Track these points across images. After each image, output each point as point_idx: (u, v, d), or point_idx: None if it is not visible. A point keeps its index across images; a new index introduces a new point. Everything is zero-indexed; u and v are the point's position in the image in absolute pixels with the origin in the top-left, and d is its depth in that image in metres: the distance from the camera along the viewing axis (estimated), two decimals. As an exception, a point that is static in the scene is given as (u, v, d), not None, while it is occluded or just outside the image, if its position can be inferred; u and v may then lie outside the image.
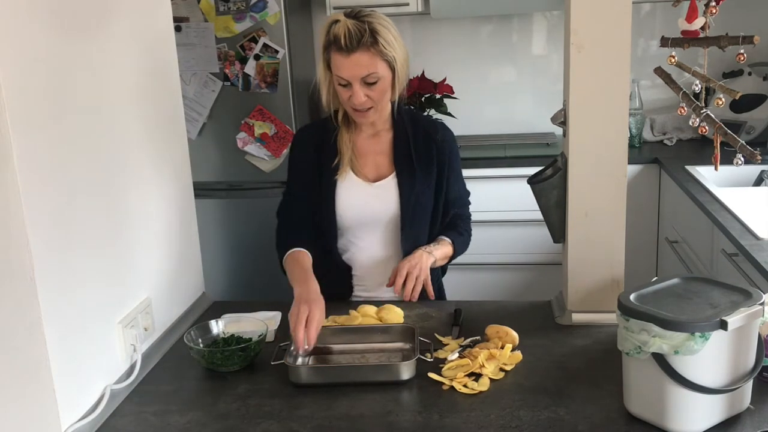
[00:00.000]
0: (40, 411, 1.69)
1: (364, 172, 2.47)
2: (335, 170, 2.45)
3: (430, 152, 2.48)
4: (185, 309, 2.39)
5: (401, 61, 2.34)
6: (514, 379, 1.91)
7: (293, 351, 2.00)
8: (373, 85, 2.30)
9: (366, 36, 2.25)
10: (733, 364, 1.61)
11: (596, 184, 2.14)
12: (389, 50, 2.29)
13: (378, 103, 2.35)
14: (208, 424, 1.78)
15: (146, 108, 2.19)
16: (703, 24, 1.81)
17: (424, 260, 2.38)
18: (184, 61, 3.97)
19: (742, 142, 1.71)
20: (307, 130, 2.59)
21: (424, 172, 2.47)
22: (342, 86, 2.32)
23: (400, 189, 2.46)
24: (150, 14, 2.25)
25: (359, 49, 2.25)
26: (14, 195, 1.57)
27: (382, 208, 2.47)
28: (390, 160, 2.49)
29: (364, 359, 2.05)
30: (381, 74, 2.30)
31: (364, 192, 2.46)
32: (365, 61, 2.27)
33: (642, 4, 4.49)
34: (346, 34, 2.24)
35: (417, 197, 2.47)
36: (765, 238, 2.68)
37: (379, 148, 2.49)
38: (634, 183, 3.96)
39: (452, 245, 2.53)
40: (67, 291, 1.75)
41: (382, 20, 2.31)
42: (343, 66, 2.28)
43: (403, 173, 2.46)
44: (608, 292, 2.17)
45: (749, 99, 4.24)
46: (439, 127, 2.55)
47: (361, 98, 2.30)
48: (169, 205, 2.32)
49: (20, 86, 1.59)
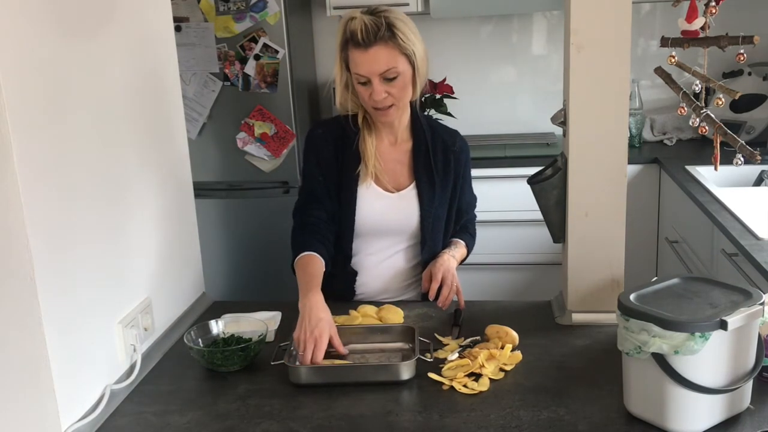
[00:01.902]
0: (40, 411, 1.69)
1: (383, 180, 2.43)
2: (357, 177, 2.41)
3: (449, 163, 2.46)
4: (185, 309, 2.39)
5: (420, 56, 2.29)
6: (514, 379, 1.91)
7: (293, 351, 2.01)
8: (393, 80, 2.25)
9: (383, 29, 2.20)
10: (733, 364, 1.61)
11: (596, 184, 2.14)
12: (408, 44, 2.24)
13: (399, 100, 2.30)
14: (208, 424, 1.78)
15: (146, 108, 2.19)
16: (703, 24, 1.81)
17: (453, 266, 2.37)
18: (184, 61, 3.97)
19: (741, 142, 1.72)
20: (324, 128, 2.50)
21: (442, 183, 2.45)
22: (362, 84, 2.27)
23: (420, 200, 2.43)
24: (150, 14, 2.24)
25: (377, 43, 2.21)
26: (14, 195, 1.57)
27: (401, 219, 2.44)
28: (409, 169, 2.45)
29: (364, 359, 2.05)
30: (401, 69, 2.25)
31: (386, 202, 2.42)
32: (384, 56, 2.22)
33: (642, 4, 4.49)
34: (363, 28, 2.19)
35: (436, 209, 2.45)
36: (765, 238, 2.68)
37: (399, 156, 2.45)
38: (634, 183, 3.96)
39: (466, 248, 2.55)
40: (67, 291, 1.75)
41: (399, 15, 2.26)
42: (361, 62, 2.23)
43: (422, 184, 2.43)
44: (608, 292, 2.17)
45: (749, 99, 4.24)
46: (457, 137, 2.53)
47: (381, 94, 2.25)
48: (169, 205, 2.32)
49: (20, 87, 1.59)
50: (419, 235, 2.46)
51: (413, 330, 2.09)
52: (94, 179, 1.88)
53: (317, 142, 2.45)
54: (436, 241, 2.49)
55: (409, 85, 2.30)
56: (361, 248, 2.49)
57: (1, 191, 1.57)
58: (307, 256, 2.29)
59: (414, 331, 2.08)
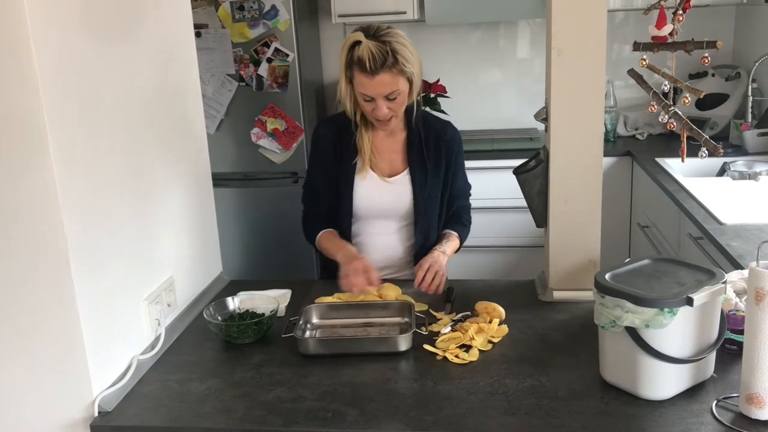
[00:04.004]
0: (74, 379, 1.69)
1: (380, 168, 2.45)
2: (354, 167, 2.44)
3: (440, 150, 2.47)
4: (204, 287, 2.39)
5: (417, 74, 2.32)
6: (500, 351, 1.91)
7: (302, 325, 2.01)
8: (395, 99, 2.30)
9: (389, 58, 2.22)
10: (698, 337, 1.61)
11: (575, 174, 2.13)
12: (408, 67, 2.27)
13: (398, 112, 2.36)
14: (226, 390, 1.78)
15: (169, 106, 2.18)
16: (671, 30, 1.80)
17: (441, 260, 2.38)
18: (204, 64, 3.96)
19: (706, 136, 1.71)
20: (325, 126, 2.53)
21: (434, 169, 2.46)
22: (366, 101, 2.31)
23: (413, 184, 2.45)
24: (173, 22, 2.23)
25: (383, 71, 2.23)
26: (51, 184, 1.58)
27: (396, 202, 2.46)
28: (403, 157, 2.47)
29: (366, 332, 2.05)
30: (402, 89, 2.29)
31: (380, 187, 2.45)
32: (388, 81, 2.25)
33: (616, 12, 4.47)
34: (371, 57, 2.21)
35: (428, 192, 2.46)
36: (727, 223, 2.68)
37: (394, 146, 2.47)
38: (609, 174, 3.95)
39: (459, 238, 2.55)
40: (98, 271, 1.74)
41: (399, 38, 2.27)
42: (367, 86, 2.26)
43: (415, 170, 2.45)
44: (586, 271, 2.17)
45: (713, 98, 4.23)
46: (448, 127, 2.53)
47: (384, 112, 2.30)
48: (190, 193, 2.31)
49: (57, 87, 1.58)
50: (413, 216, 2.47)
51: (410, 306, 2.09)
52: (123, 170, 1.88)
53: (317, 140, 2.52)
54: (430, 221, 2.50)
55: (407, 98, 2.35)
56: (362, 230, 2.51)
57: (39, 180, 1.57)
58: (327, 232, 2.47)
59: (411, 307, 2.07)
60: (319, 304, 2.16)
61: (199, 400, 1.75)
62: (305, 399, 1.72)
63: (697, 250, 2.79)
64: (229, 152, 4.26)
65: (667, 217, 3.35)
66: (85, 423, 1.69)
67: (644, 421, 1.57)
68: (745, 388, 1.53)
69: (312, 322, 2.10)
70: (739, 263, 2.27)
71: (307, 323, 2.08)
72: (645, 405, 1.61)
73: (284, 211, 4.07)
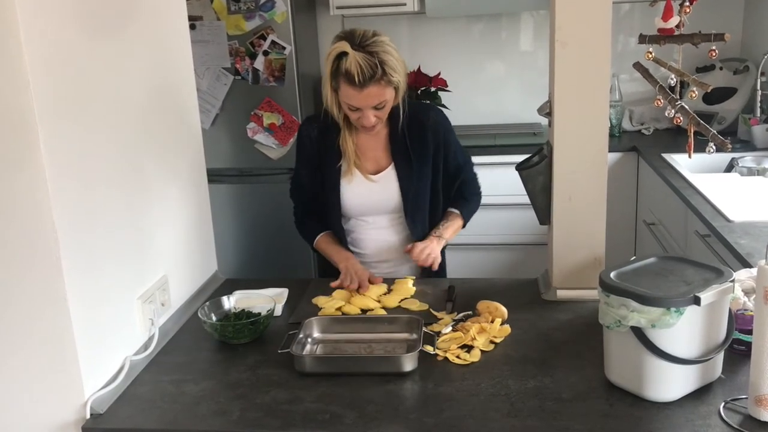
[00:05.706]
0: (65, 380, 1.69)
1: (365, 167, 2.46)
2: (339, 170, 2.46)
3: (425, 139, 2.46)
4: (199, 286, 2.39)
5: (403, 80, 2.32)
6: (503, 351, 1.91)
7: (302, 339, 1.95)
8: (382, 108, 2.31)
9: (378, 71, 2.22)
10: (705, 337, 1.61)
11: (579, 170, 2.13)
12: (395, 77, 2.27)
13: (384, 118, 2.37)
14: (221, 392, 1.78)
15: (163, 100, 2.18)
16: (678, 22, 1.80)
17: (434, 244, 2.43)
18: (198, 57, 3.95)
19: (713, 131, 1.71)
20: (309, 125, 2.54)
21: (421, 160, 2.46)
22: (352, 110, 2.31)
23: (399, 179, 2.46)
24: (166, 14, 2.23)
25: (371, 84, 2.23)
26: (41, 180, 1.57)
27: (383, 199, 2.47)
28: (387, 153, 2.48)
29: (370, 349, 1.96)
30: (388, 98, 2.30)
31: (366, 186, 2.46)
32: (376, 93, 2.26)
33: (622, 4, 4.47)
34: (359, 71, 2.20)
35: (416, 184, 2.46)
36: (735, 220, 2.68)
37: (377, 143, 2.48)
38: (614, 169, 3.94)
39: (461, 216, 2.57)
40: (91, 269, 1.74)
41: (385, 46, 2.26)
42: (355, 98, 2.26)
43: (400, 165, 2.45)
44: (590, 270, 2.16)
45: (720, 92, 4.22)
46: (431, 111, 2.53)
47: (371, 120, 2.31)
48: (185, 189, 2.31)
49: (47, 81, 1.58)
50: (402, 210, 2.48)
51: (419, 321, 1.99)
52: (115, 166, 1.87)
53: (301, 140, 2.55)
54: (422, 212, 2.52)
55: (392, 104, 2.36)
56: (354, 227, 2.55)
57: (28, 177, 1.57)
58: (325, 235, 2.54)
59: (420, 322, 1.97)
60: (321, 317, 2.07)
61: (194, 401, 1.74)
62: (302, 401, 1.71)
63: (704, 247, 2.79)
64: (224, 147, 4.26)
65: (673, 214, 3.35)
66: (77, 425, 1.69)
67: (650, 423, 1.57)
68: (754, 390, 1.53)
69: (313, 336, 2.01)
70: (748, 261, 2.27)
71: (308, 337, 2.00)
72: (651, 407, 1.61)
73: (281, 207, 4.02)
